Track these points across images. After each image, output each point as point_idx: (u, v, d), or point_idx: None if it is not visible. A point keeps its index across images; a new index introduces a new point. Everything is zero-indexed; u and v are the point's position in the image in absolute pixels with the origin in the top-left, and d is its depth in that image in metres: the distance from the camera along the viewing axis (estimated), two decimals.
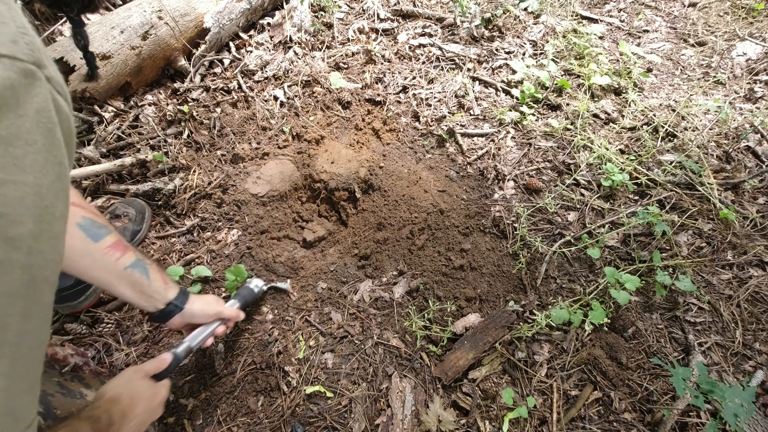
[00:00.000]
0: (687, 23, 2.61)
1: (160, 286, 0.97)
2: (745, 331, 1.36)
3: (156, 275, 0.97)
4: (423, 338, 1.36)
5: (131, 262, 0.91)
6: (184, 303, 1.02)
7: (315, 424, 1.20)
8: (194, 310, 1.03)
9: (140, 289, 0.93)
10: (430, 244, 1.60)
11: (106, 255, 0.87)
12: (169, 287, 1.00)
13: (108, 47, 1.86)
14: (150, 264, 0.96)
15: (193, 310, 1.03)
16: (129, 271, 0.90)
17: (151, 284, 0.95)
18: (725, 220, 1.57)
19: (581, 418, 1.21)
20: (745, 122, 1.96)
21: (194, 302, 1.04)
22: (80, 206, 0.85)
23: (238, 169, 1.82)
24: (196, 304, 1.04)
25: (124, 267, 0.89)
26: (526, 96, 2.06)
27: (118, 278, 0.90)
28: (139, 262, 0.93)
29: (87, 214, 0.85)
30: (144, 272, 0.94)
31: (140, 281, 0.92)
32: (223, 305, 1.14)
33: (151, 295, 0.96)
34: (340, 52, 2.35)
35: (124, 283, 0.91)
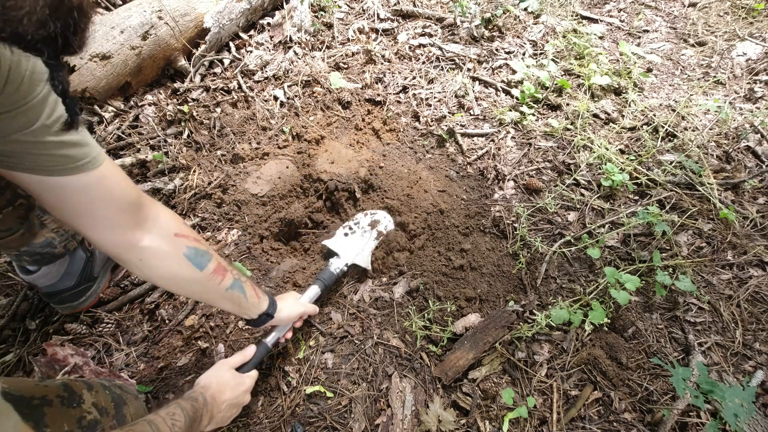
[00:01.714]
0: (687, 23, 2.61)
1: (254, 301, 1.09)
2: (745, 331, 1.36)
3: (250, 291, 1.08)
4: (423, 338, 1.36)
5: (231, 283, 1.01)
6: (274, 312, 1.15)
7: (315, 424, 1.20)
8: (282, 317, 1.18)
9: (239, 304, 1.05)
10: (430, 244, 1.60)
11: (211, 280, 0.97)
12: (261, 299, 1.12)
13: (108, 47, 1.86)
14: (245, 281, 1.07)
15: (281, 317, 1.18)
16: (230, 292, 1.01)
17: (248, 300, 1.06)
18: (725, 220, 1.57)
19: (581, 418, 1.21)
20: (745, 122, 1.96)
21: (282, 310, 1.18)
22: (184, 236, 0.93)
23: (238, 169, 1.82)
24: (283, 312, 1.18)
25: (225, 289, 1.00)
26: (526, 96, 2.06)
27: (222, 298, 1.02)
28: (237, 282, 1.04)
29: (191, 243, 0.94)
30: (241, 290, 1.04)
31: (239, 299, 1.04)
32: (303, 304, 1.27)
33: (248, 308, 1.08)
34: (340, 52, 2.35)
35: (227, 301, 1.03)
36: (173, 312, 1.44)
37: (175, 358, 1.34)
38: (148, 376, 1.30)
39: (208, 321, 1.41)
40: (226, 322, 1.41)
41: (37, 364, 1.19)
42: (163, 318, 1.42)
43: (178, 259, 0.91)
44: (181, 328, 1.40)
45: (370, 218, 1.61)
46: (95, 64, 1.83)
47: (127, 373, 1.29)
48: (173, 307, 1.46)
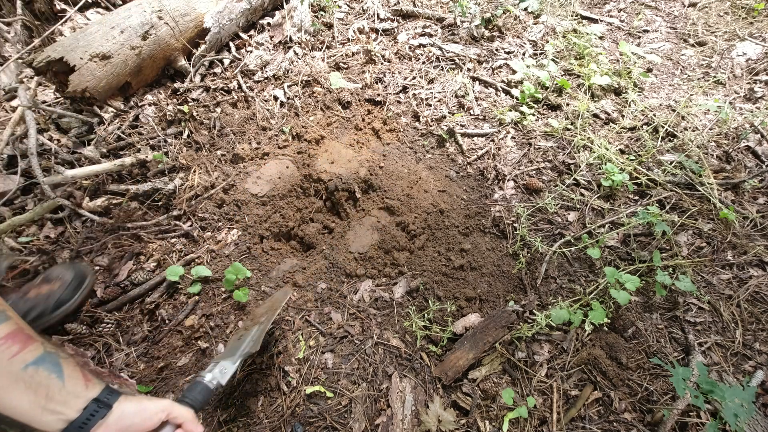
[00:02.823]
0: (687, 23, 2.61)
1: (78, 386, 0.68)
2: (745, 331, 1.36)
3: (75, 371, 0.70)
4: (423, 338, 1.36)
5: (36, 356, 0.66)
6: (114, 401, 0.71)
7: (315, 424, 1.20)
8: (127, 408, 0.71)
9: (46, 394, 0.65)
10: (430, 244, 1.60)
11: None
12: (90, 384, 0.70)
13: (108, 47, 1.86)
14: (65, 358, 0.70)
15: (126, 408, 0.71)
16: (31, 370, 0.64)
17: (65, 385, 0.67)
18: (725, 220, 1.57)
19: (581, 418, 1.21)
20: (745, 122, 1.96)
21: (128, 401, 0.73)
22: None
23: (238, 169, 1.82)
24: (129, 402, 0.73)
25: (24, 365, 0.64)
26: (526, 96, 2.06)
27: (12, 382, 0.63)
28: (50, 356, 0.67)
29: None
30: (55, 369, 0.67)
31: (47, 382, 0.65)
32: (168, 401, 0.80)
33: (64, 398, 0.66)
34: (340, 52, 2.35)
35: (21, 388, 0.63)
36: (173, 312, 1.44)
37: (175, 358, 1.34)
38: (148, 376, 1.30)
39: (208, 321, 1.41)
40: (227, 323, 1.41)
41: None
42: (163, 318, 1.42)
43: None
44: (181, 328, 1.40)
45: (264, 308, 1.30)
46: (95, 64, 1.83)
47: (127, 373, 1.29)
48: (173, 307, 1.46)
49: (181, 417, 0.78)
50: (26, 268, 1.48)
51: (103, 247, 1.59)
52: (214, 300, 1.46)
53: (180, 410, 0.79)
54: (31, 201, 1.68)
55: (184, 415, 0.79)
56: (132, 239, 1.61)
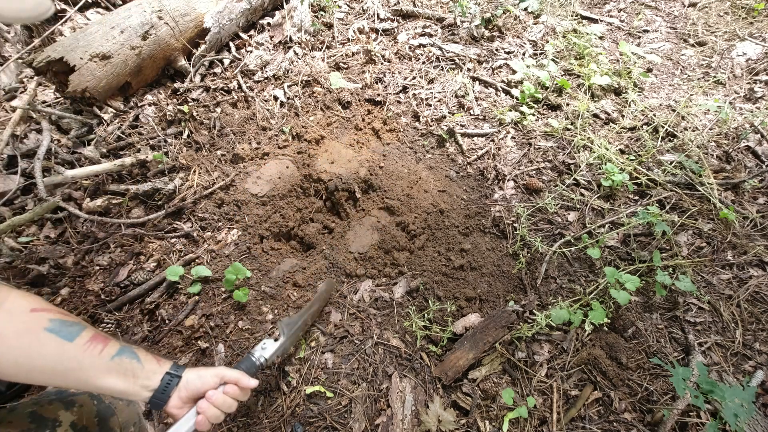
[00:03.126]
0: (687, 23, 2.61)
1: (153, 365, 0.87)
2: (745, 331, 1.36)
3: (147, 356, 0.88)
4: (423, 338, 1.36)
5: (117, 349, 0.83)
6: (181, 372, 0.90)
7: (315, 424, 1.20)
8: (190, 376, 0.90)
9: (133, 374, 0.83)
10: (430, 244, 1.60)
11: (88, 350, 0.78)
12: (163, 363, 0.90)
13: (108, 47, 1.86)
14: (137, 348, 0.88)
15: (189, 376, 0.90)
16: (117, 360, 0.81)
17: (144, 366, 0.85)
18: (725, 220, 1.57)
19: (581, 418, 1.21)
20: (745, 122, 1.96)
21: (190, 371, 0.92)
22: (45, 310, 0.78)
23: (238, 169, 1.82)
24: (192, 372, 0.92)
25: (110, 357, 0.81)
26: (526, 96, 2.06)
27: (106, 371, 0.80)
28: (126, 348, 0.85)
29: (54, 315, 0.78)
30: (133, 356, 0.85)
31: (131, 366, 0.83)
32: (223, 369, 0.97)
33: (146, 376, 0.85)
34: (340, 52, 2.35)
35: (113, 374, 0.81)
36: (173, 312, 1.44)
37: (175, 358, 1.34)
38: None
39: (208, 321, 1.41)
40: (227, 323, 1.41)
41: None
42: (163, 318, 1.42)
43: (37, 335, 0.75)
44: (181, 328, 1.40)
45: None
46: (95, 64, 1.83)
47: None
48: (173, 307, 1.46)
49: (231, 377, 0.94)
50: (26, 268, 1.48)
51: (104, 247, 1.59)
52: (214, 300, 1.46)
53: (230, 372, 0.95)
54: (31, 201, 1.68)
55: (233, 375, 0.95)
56: (132, 239, 1.61)
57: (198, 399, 0.90)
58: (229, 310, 1.43)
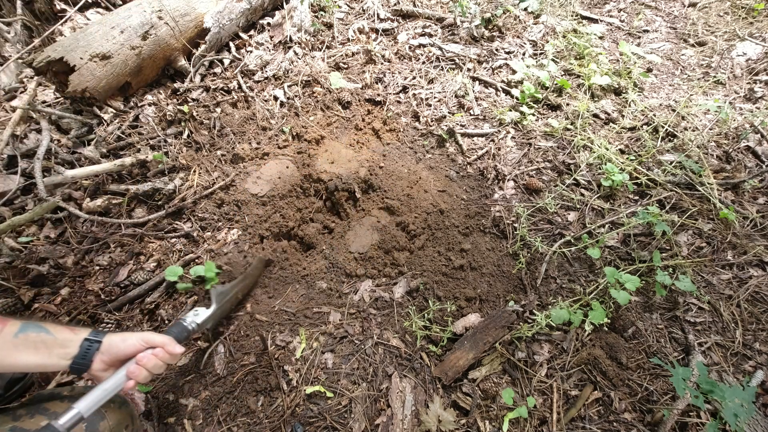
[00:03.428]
0: (687, 23, 2.61)
1: (67, 334, 0.86)
2: (745, 331, 1.36)
3: (58, 327, 0.87)
4: (423, 338, 1.36)
5: (19, 326, 0.81)
6: (101, 337, 0.89)
7: (315, 424, 1.20)
8: (114, 340, 0.89)
9: (45, 345, 0.82)
10: (430, 244, 1.60)
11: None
12: (78, 331, 0.88)
13: (108, 47, 1.86)
14: (45, 322, 0.86)
15: (113, 339, 0.89)
16: (22, 337, 0.80)
17: (56, 336, 0.84)
18: (725, 220, 1.57)
19: (581, 418, 1.21)
20: (745, 122, 1.96)
21: (113, 335, 0.91)
22: None
23: (238, 169, 1.82)
24: (115, 336, 0.91)
25: (13, 335, 0.80)
26: (526, 96, 2.06)
27: (13, 349, 0.79)
28: (29, 324, 0.83)
29: None
30: (40, 329, 0.83)
31: (40, 339, 0.82)
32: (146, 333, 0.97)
33: (61, 345, 0.84)
34: (340, 52, 2.35)
35: (22, 351, 0.80)
36: (173, 312, 1.44)
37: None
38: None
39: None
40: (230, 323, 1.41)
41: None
42: (163, 318, 1.42)
43: None
44: None
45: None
46: (95, 64, 1.83)
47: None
48: (173, 307, 1.46)
49: (157, 341, 0.93)
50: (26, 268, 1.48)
51: (104, 247, 1.59)
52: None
53: (157, 337, 0.94)
54: (31, 201, 1.68)
55: (160, 339, 0.94)
56: (132, 239, 1.61)
57: (123, 361, 0.89)
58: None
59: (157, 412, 1.21)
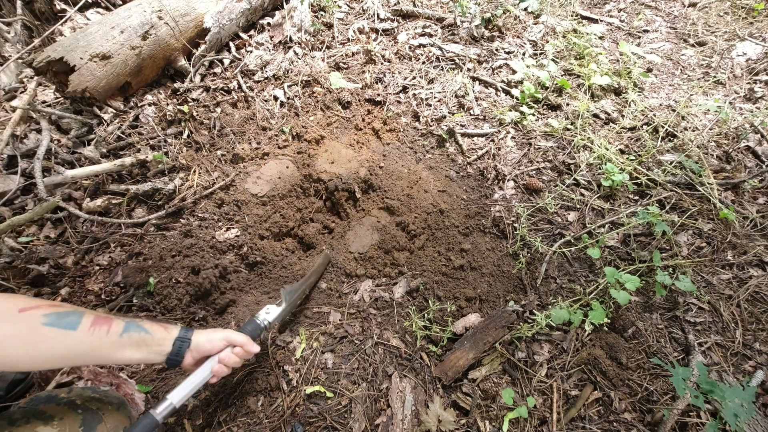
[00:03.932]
0: (687, 23, 2.61)
1: (162, 333, 0.95)
2: (745, 331, 1.36)
3: (154, 326, 0.95)
4: (423, 338, 1.36)
5: (123, 326, 0.88)
6: (190, 335, 0.99)
7: (315, 424, 1.20)
8: (199, 339, 1.00)
9: (145, 344, 0.91)
10: (430, 244, 1.60)
11: (94, 334, 0.83)
12: (170, 329, 0.98)
13: (108, 47, 1.86)
14: (142, 320, 0.94)
15: (199, 339, 1.00)
16: (126, 336, 0.88)
17: (153, 335, 0.93)
18: (725, 220, 1.57)
19: (581, 418, 1.21)
20: (745, 122, 1.96)
21: (200, 333, 1.02)
22: (33, 307, 0.80)
23: (238, 169, 1.82)
24: (200, 334, 1.01)
25: (119, 335, 0.87)
26: (526, 96, 2.06)
27: (119, 347, 0.87)
28: (131, 323, 0.90)
29: (45, 311, 0.80)
30: (140, 329, 0.91)
31: (141, 338, 0.90)
32: (229, 331, 1.07)
33: (158, 343, 0.94)
34: (340, 52, 2.35)
35: (128, 348, 0.88)
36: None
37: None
38: (148, 376, 1.30)
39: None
40: (227, 321, 1.41)
41: None
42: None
43: (37, 333, 0.77)
44: None
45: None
46: (95, 64, 1.83)
47: (126, 373, 1.29)
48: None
49: (237, 341, 1.05)
50: (26, 268, 1.48)
51: (104, 247, 1.59)
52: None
53: (237, 336, 1.06)
54: (31, 201, 1.68)
55: (240, 339, 1.06)
56: (132, 239, 1.61)
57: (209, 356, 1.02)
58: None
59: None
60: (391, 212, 1.70)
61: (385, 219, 1.68)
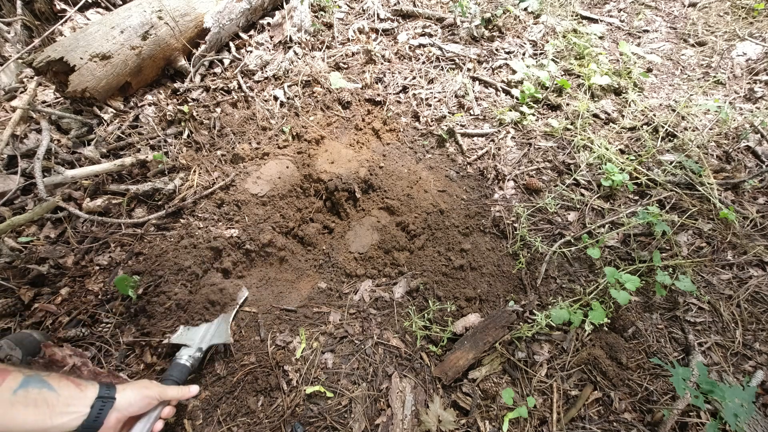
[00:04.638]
0: (687, 23, 2.61)
1: (72, 391, 0.79)
2: (745, 331, 1.36)
3: (62, 381, 0.79)
4: (423, 338, 1.36)
5: (20, 381, 0.74)
6: (114, 392, 0.83)
7: (315, 424, 1.20)
8: (129, 397, 0.85)
9: (47, 404, 0.74)
10: (430, 244, 1.60)
11: None
12: (85, 386, 0.81)
13: (108, 47, 1.86)
14: (48, 374, 0.79)
15: (128, 397, 0.85)
16: (21, 393, 0.73)
17: (59, 393, 0.76)
18: (725, 220, 1.57)
19: (581, 418, 1.21)
20: (745, 122, 1.96)
21: (125, 388, 0.87)
22: None
23: (238, 169, 1.82)
24: (128, 390, 0.87)
25: (12, 391, 0.72)
26: (526, 96, 2.06)
27: (9, 407, 0.71)
28: (32, 379, 0.75)
29: None
30: (43, 384, 0.75)
31: (41, 397, 0.74)
32: (158, 384, 0.98)
33: (66, 403, 0.76)
34: (340, 52, 2.35)
35: (19, 409, 0.72)
36: None
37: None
38: (148, 377, 1.30)
39: None
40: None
41: (36, 365, 1.19)
42: None
43: None
44: None
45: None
46: (95, 64, 1.83)
47: (126, 374, 1.29)
48: None
49: (173, 395, 0.99)
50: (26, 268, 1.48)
51: (104, 247, 1.59)
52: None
53: (171, 391, 1.00)
54: (31, 201, 1.68)
55: (174, 394, 1.00)
56: (132, 238, 1.61)
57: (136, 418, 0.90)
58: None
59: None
60: (391, 212, 1.70)
61: (385, 219, 1.68)
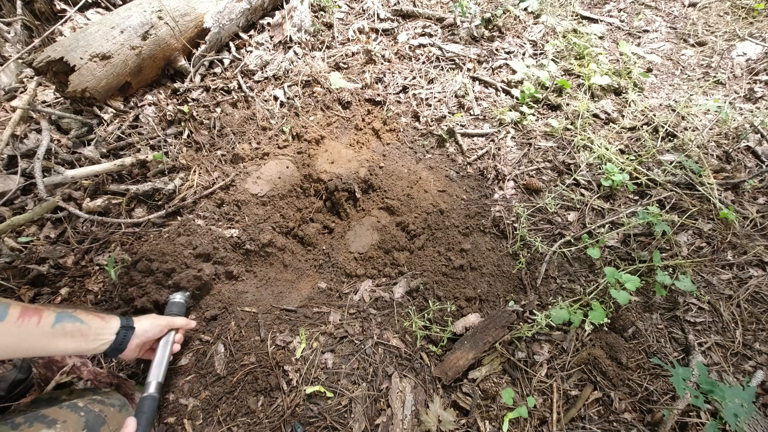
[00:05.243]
0: (687, 23, 2.61)
1: (99, 323, 0.94)
2: (745, 331, 1.36)
3: (89, 315, 0.93)
4: (423, 338, 1.36)
5: (54, 317, 0.87)
6: (132, 323, 1.01)
7: (315, 424, 1.20)
8: (145, 325, 1.03)
9: (81, 334, 0.90)
10: (430, 244, 1.60)
11: (23, 326, 0.82)
12: (108, 319, 0.97)
13: (108, 47, 1.86)
14: (76, 310, 0.92)
15: (144, 325, 1.03)
16: (59, 327, 0.86)
17: (90, 325, 0.92)
18: (725, 220, 1.57)
19: (581, 418, 1.21)
20: (745, 122, 1.96)
21: (141, 320, 1.04)
22: None
23: (238, 169, 1.82)
24: (143, 321, 1.04)
25: (50, 326, 0.86)
26: (526, 96, 2.06)
27: (52, 338, 0.85)
28: (64, 314, 0.89)
29: None
30: (74, 319, 0.90)
31: (76, 328, 0.89)
32: (165, 317, 1.15)
33: (97, 333, 0.93)
34: (340, 52, 2.35)
35: (62, 339, 0.87)
36: None
37: (174, 358, 1.34)
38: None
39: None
40: (227, 321, 1.40)
41: (35, 366, 1.19)
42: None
43: None
44: None
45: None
46: (95, 64, 1.83)
47: (126, 374, 1.29)
48: None
49: (179, 324, 1.18)
50: (26, 268, 1.48)
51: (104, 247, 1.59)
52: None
53: (177, 320, 1.17)
54: (31, 201, 1.68)
55: (180, 322, 1.18)
56: (132, 238, 1.61)
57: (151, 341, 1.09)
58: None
59: (157, 412, 1.21)
60: (391, 212, 1.70)
61: (385, 219, 1.68)
